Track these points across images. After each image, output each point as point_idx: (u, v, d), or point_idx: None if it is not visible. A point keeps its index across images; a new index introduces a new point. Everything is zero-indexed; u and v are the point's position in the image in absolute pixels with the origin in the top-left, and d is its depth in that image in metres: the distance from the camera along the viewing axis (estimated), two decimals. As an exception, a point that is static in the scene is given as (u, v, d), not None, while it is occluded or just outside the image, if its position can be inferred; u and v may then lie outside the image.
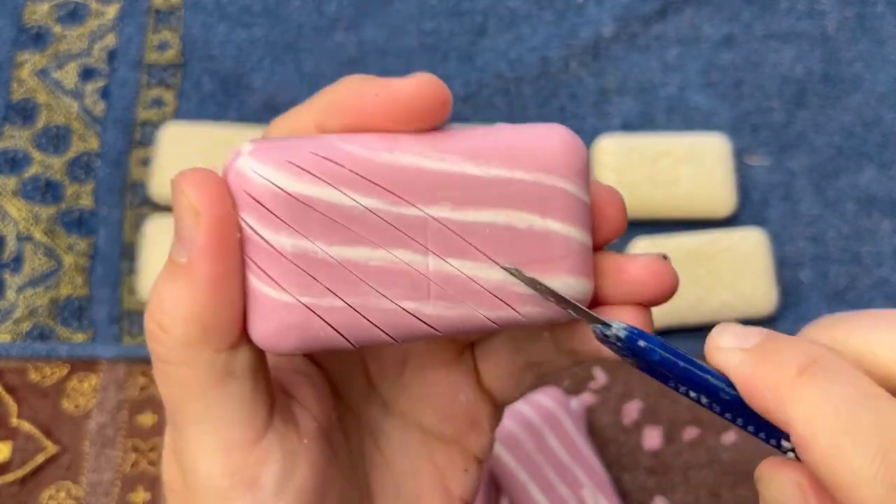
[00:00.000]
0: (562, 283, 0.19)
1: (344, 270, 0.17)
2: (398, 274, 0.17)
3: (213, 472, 0.18)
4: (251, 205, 0.17)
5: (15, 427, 0.50)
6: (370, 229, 0.17)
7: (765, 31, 0.59)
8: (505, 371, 0.23)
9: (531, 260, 0.18)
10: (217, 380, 0.17)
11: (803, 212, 0.55)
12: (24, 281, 0.53)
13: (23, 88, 0.57)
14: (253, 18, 0.58)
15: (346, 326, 0.17)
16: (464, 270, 0.18)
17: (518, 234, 0.18)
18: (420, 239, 0.17)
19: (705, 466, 0.50)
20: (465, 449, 0.24)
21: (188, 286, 0.17)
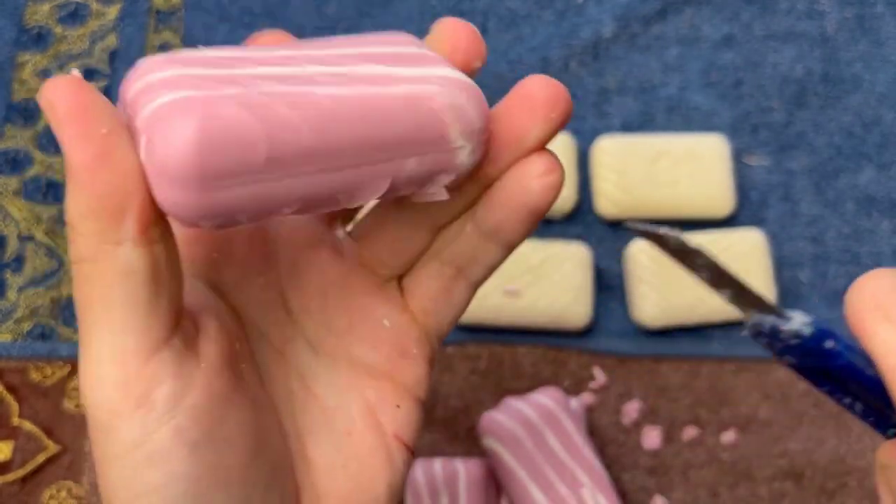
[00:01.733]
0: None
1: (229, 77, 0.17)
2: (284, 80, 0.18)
3: (105, 381, 0.18)
4: (138, 90, 0.17)
5: (16, 426, 0.50)
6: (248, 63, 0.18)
7: (765, 32, 0.59)
8: (438, 284, 0.23)
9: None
10: (120, 277, 0.17)
11: (803, 212, 0.55)
12: (25, 281, 0.53)
13: (24, 89, 0.57)
14: (254, 19, 0.58)
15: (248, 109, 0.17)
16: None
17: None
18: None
19: (705, 466, 0.50)
20: (396, 382, 0.23)
21: (71, 182, 0.17)
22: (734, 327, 0.52)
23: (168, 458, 0.18)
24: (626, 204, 0.52)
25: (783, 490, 0.49)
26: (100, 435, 0.18)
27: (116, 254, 0.17)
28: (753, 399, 0.51)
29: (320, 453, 0.22)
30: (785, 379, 0.51)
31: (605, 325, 0.52)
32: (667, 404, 0.51)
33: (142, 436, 0.18)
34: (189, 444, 0.18)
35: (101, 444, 0.18)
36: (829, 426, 0.50)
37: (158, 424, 0.18)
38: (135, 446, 0.18)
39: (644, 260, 0.50)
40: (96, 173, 0.17)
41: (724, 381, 0.51)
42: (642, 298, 0.50)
